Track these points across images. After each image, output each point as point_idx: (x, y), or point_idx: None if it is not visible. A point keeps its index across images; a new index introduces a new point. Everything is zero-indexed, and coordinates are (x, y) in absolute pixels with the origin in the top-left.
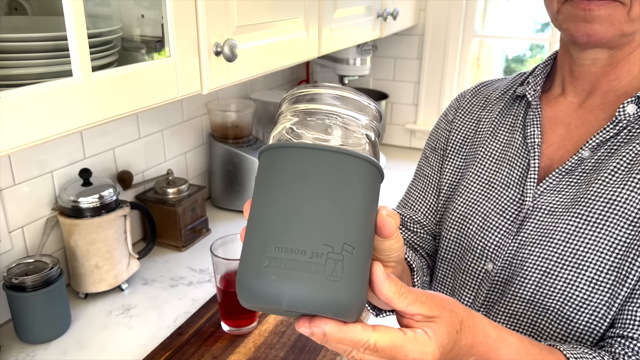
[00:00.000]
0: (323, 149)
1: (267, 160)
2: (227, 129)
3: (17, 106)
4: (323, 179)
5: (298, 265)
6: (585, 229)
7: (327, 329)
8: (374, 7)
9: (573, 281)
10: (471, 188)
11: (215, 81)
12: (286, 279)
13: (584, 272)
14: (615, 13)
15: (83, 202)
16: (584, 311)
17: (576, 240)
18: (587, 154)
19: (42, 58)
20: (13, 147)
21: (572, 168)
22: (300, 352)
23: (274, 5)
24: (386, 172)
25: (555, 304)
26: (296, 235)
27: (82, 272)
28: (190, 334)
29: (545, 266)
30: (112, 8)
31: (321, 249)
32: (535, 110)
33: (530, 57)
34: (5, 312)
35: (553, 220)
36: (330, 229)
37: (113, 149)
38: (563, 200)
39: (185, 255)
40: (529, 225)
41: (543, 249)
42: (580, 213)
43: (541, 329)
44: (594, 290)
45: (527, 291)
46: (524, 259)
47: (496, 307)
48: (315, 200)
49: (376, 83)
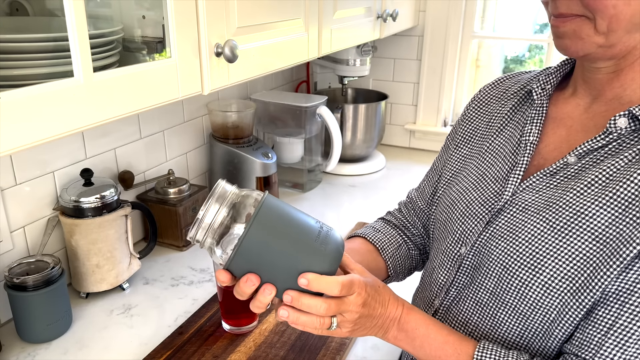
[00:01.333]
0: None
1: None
2: (228, 129)
3: (19, 107)
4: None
5: None
6: (548, 234)
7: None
8: (373, 8)
9: (527, 281)
10: (467, 177)
11: (215, 82)
12: None
13: (539, 276)
14: (581, 28)
15: (84, 202)
16: (537, 312)
17: (537, 243)
18: (572, 160)
19: (43, 59)
20: (14, 147)
21: (556, 171)
22: (301, 351)
23: (274, 6)
24: (385, 172)
25: (513, 300)
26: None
27: (83, 272)
28: (191, 333)
29: (505, 261)
30: (113, 9)
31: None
32: (538, 109)
33: (529, 57)
34: (6, 312)
35: (523, 218)
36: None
37: (114, 149)
38: (538, 200)
39: (186, 255)
40: (501, 218)
41: (507, 245)
42: (548, 217)
43: (501, 322)
44: (545, 294)
45: (490, 282)
46: (490, 250)
47: (465, 292)
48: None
49: (376, 84)
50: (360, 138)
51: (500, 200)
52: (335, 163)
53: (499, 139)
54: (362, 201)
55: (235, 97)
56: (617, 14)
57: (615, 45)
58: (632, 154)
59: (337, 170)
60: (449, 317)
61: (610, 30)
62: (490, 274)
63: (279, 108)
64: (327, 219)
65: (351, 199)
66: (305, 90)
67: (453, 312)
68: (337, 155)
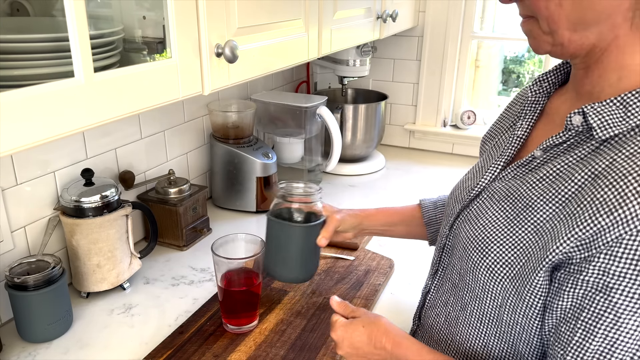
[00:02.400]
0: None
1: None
2: (228, 129)
3: (20, 107)
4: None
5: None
6: (499, 222)
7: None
8: (373, 9)
9: (477, 264)
10: (473, 168)
11: (216, 82)
12: None
13: (485, 259)
14: (532, 28)
15: (85, 202)
16: (487, 295)
17: (489, 229)
18: (538, 154)
19: (44, 59)
20: (15, 148)
21: (525, 164)
22: (301, 350)
23: (274, 7)
24: (385, 172)
25: (470, 282)
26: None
27: (83, 272)
28: (192, 333)
29: (465, 244)
30: (114, 9)
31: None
32: (533, 105)
33: (529, 58)
34: (7, 311)
35: (487, 205)
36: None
37: (115, 149)
38: (502, 190)
39: (187, 255)
40: (473, 204)
41: (469, 229)
42: (504, 206)
43: (467, 304)
44: (491, 278)
45: (457, 263)
46: (459, 232)
47: (446, 273)
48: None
49: (375, 84)
50: (360, 138)
51: (476, 188)
52: (335, 163)
53: (505, 135)
54: (362, 201)
55: (236, 98)
56: (551, 15)
57: (565, 44)
58: (583, 152)
59: (337, 170)
60: (436, 297)
61: (552, 30)
62: (458, 255)
63: (279, 108)
64: None
65: (351, 199)
66: (305, 90)
67: (440, 292)
68: (337, 155)
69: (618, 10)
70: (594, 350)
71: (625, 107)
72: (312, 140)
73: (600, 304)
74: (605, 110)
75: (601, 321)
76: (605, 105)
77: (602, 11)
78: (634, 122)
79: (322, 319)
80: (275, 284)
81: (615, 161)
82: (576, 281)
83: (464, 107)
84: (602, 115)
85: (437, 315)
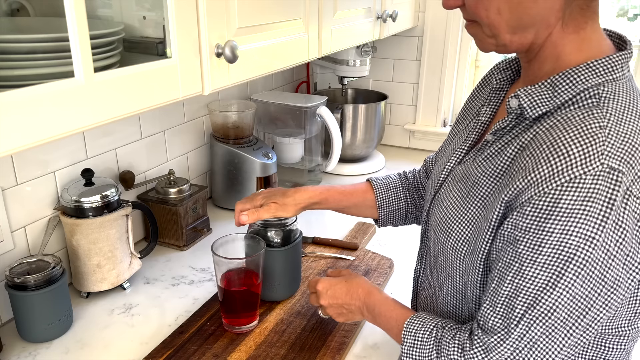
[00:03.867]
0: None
1: None
2: (228, 129)
3: (20, 107)
4: None
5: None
6: (457, 202)
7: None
8: (373, 9)
9: (444, 244)
10: (443, 153)
11: (216, 82)
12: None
13: (449, 238)
14: (477, 31)
15: (85, 202)
16: (455, 273)
17: (450, 210)
18: (490, 138)
19: (44, 59)
20: (15, 148)
21: (482, 148)
22: (301, 350)
23: (274, 7)
24: (385, 172)
25: (442, 262)
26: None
27: (84, 272)
28: (192, 333)
29: (435, 226)
30: (114, 9)
31: None
32: (497, 92)
33: None
34: (7, 311)
35: (449, 188)
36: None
37: (115, 149)
38: (460, 173)
39: (187, 255)
40: (442, 188)
41: (438, 212)
42: (461, 187)
43: (442, 283)
44: (455, 255)
45: (432, 246)
46: (432, 217)
47: (428, 256)
48: None
49: (375, 84)
50: (360, 138)
51: (443, 172)
52: (335, 163)
53: (474, 120)
54: None
55: (236, 98)
56: (492, 22)
57: (508, 45)
58: (518, 130)
59: (337, 170)
60: (424, 282)
61: (494, 34)
62: (432, 239)
63: (279, 108)
64: (326, 219)
65: None
66: (305, 90)
67: (425, 276)
68: (337, 156)
69: (551, 12)
70: (503, 294)
71: (553, 88)
72: (312, 140)
73: (509, 254)
74: (536, 92)
75: (509, 269)
76: (536, 88)
77: (536, 14)
78: (560, 100)
79: (322, 319)
80: None
81: (537, 134)
82: (497, 237)
83: None
84: (532, 96)
85: (426, 298)
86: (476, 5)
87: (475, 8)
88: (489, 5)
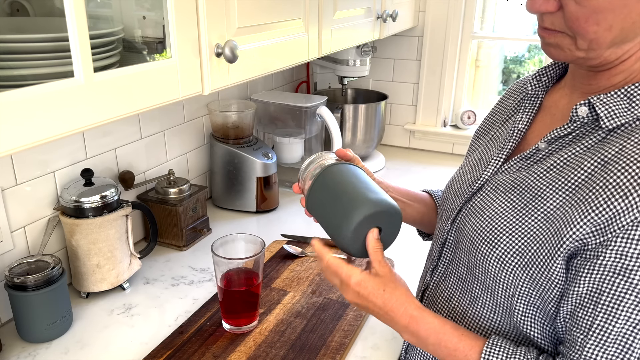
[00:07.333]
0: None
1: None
2: (228, 129)
3: (19, 107)
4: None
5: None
6: (507, 212)
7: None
8: (373, 9)
9: (487, 255)
10: (469, 162)
11: (216, 82)
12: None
13: (495, 250)
14: (562, 42)
15: (85, 202)
16: (499, 285)
17: (497, 220)
18: (542, 146)
19: (44, 59)
20: (15, 148)
21: (529, 156)
22: (301, 350)
23: (274, 7)
24: (385, 172)
25: (480, 274)
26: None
27: (83, 272)
28: (191, 333)
29: (472, 237)
30: (114, 9)
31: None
32: (532, 99)
33: (529, 58)
34: (7, 312)
35: (492, 197)
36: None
37: (115, 149)
38: (507, 182)
39: (186, 255)
40: (477, 197)
41: (475, 221)
42: (511, 197)
43: (477, 297)
44: (501, 268)
45: (464, 257)
46: (464, 226)
47: (450, 268)
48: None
49: (375, 84)
50: (360, 138)
51: (479, 180)
52: None
53: (502, 128)
54: None
55: (236, 98)
56: (597, 38)
57: (595, 59)
58: (590, 141)
59: None
60: (437, 293)
61: (591, 49)
62: (464, 249)
63: (279, 108)
64: None
65: None
66: (305, 90)
67: (441, 288)
68: None
69: None
70: (617, 332)
71: (630, 99)
72: (312, 140)
73: (620, 286)
74: (611, 101)
75: (622, 303)
76: (611, 97)
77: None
78: (639, 112)
79: (322, 319)
80: (275, 284)
81: (625, 148)
82: (593, 266)
83: (464, 107)
84: (608, 105)
85: (439, 311)
86: (586, 19)
87: (584, 22)
88: (602, 20)
